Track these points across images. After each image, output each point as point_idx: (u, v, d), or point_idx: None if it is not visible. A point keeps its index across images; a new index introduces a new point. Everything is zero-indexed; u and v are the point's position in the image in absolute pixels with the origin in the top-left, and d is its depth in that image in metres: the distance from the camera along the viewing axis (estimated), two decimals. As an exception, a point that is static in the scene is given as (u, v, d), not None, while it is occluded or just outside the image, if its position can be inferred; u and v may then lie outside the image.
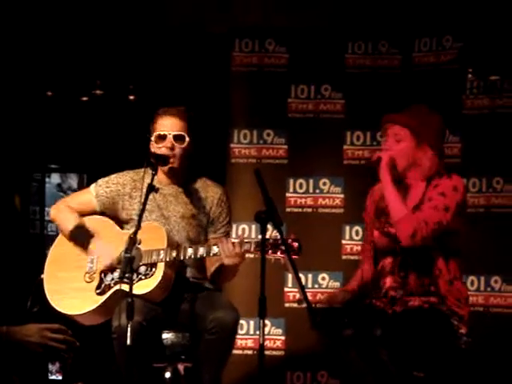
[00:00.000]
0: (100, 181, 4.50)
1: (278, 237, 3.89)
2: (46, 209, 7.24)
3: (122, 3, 5.55)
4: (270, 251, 4.03)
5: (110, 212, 4.46)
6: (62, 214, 4.46)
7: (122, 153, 6.00)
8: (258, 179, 3.77)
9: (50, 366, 3.84)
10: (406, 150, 4.11)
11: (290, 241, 4.05)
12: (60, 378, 3.89)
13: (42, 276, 4.40)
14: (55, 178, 7.67)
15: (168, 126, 4.39)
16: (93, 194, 4.47)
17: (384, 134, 4.21)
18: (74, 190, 7.22)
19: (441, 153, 4.18)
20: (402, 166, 4.12)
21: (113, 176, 4.51)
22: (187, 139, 4.38)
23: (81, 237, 4.37)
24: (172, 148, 4.35)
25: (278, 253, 4.04)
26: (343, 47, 5.68)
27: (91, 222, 4.43)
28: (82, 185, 7.18)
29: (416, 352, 3.92)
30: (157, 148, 4.36)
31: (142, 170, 4.25)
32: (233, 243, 4.12)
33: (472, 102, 5.49)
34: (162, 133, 4.38)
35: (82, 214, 4.46)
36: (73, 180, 7.73)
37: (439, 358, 3.94)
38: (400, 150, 4.11)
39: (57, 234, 4.57)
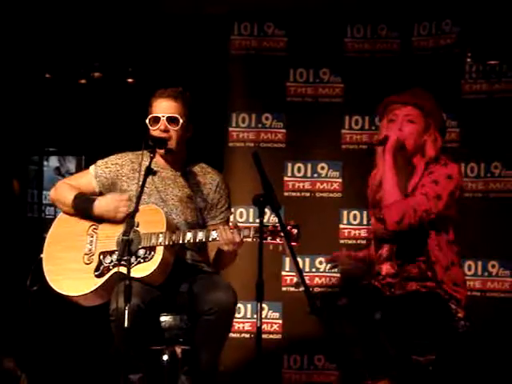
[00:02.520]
0: (99, 161, 4.50)
1: (277, 223, 3.88)
2: (44, 192, 7.25)
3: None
4: (268, 238, 4.03)
5: (109, 193, 4.45)
6: (62, 190, 4.45)
7: (121, 135, 6.00)
8: (256, 162, 3.76)
9: None
10: (417, 132, 4.09)
11: (289, 227, 4.05)
12: None
13: (42, 255, 4.40)
14: (53, 162, 7.66)
15: (162, 108, 4.37)
16: (92, 175, 4.46)
17: (388, 114, 4.14)
18: (73, 174, 7.21)
19: (443, 131, 4.18)
20: (412, 147, 4.10)
21: (112, 157, 4.50)
22: (181, 121, 4.35)
23: (84, 204, 4.35)
24: (166, 130, 4.34)
25: (277, 239, 4.05)
26: (342, 31, 5.67)
27: None
28: (81, 168, 7.17)
29: (414, 335, 3.92)
30: (152, 130, 4.35)
31: (141, 152, 4.25)
32: (231, 231, 4.12)
33: (471, 86, 5.48)
34: (155, 115, 4.37)
35: None
36: (71, 163, 7.73)
37: (437, 341, 3.95)
38: (411, 130, 4.08)
39: (54, 218, 4.56)
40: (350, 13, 5.66)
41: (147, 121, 4.38)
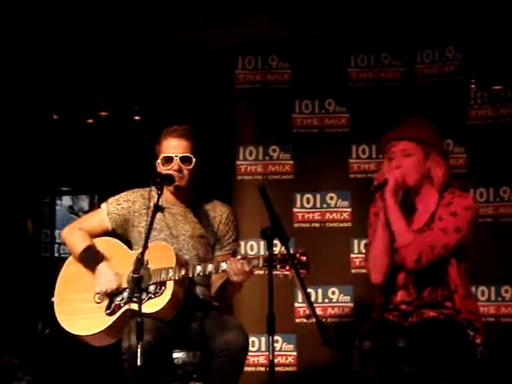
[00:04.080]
0: (110, 199, 4.52)
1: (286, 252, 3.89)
2: (57, 231, 7.27)
3: (125, 24, 5.57)
4: (278, 266, 4.02)
5: (122, 230, 4.48)
6: (73, 236, 4.47)
7: (131, 172, 6.02)
8: (263, 196, 3.78)
9: None
10: (417, 163, 4.09)
11: (297, 255, 4.05)
12: None
13: (53, 299, 4.41)
14: (67, 201, 7.70)
15: (174, 147, 4.38)
16: (104, 213, 4.48)
17: (387, 153, 4.14)
18: (86, 212, 7.23)
19: (447, 158, 4.16)
20: (415, 180, 4.09)
21: (123, 194, 4.52)
22: (194, 160, 4.38)
23: (90, 260, 4.38)
24: (179, 170, 4.36)
25: (287, 267, 4.04)
26: (346, 61, 5.70)
27: (101, 244, 4.44)
28: (93, 206, 7.20)
29: (434, 363, 3.89)
30: (164, 170, 4.36)
31: (149, 188, 4.28)
32: (241, 261, 4.12)
33: (476, 112, 5.50)
34: (168, 155, 4.38)
35: (95, 235, 4.47)
36: (84, 202, 7.76)
37: (458, 368, 3.92)
38: (410, 164, 4.08)
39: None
40: (353, 43, 5.69)
41: (159, 160, 4.40)
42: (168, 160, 4.38)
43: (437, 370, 3.88)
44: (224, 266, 4.17)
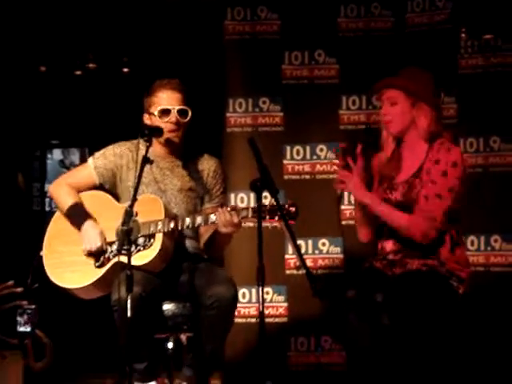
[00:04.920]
0: (97, 153, 4.50)
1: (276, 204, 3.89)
2: (48, 185, 7.27)
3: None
4: (267, 217, 4.02)
5: (109, 184, 4.47)
6: (60, 192, 4.46)
7: (121, 125, 5.99)
8: (253, 148, 3.79)
9: (19, 319, 3.88)
10: (402, 112, 4.11)
11: (286, 206, 4.05)
12: (28, 329, 3.91)
13: (42, 252, 4.41)
14: (57, 154, 7.69)
15: (171, 100, 4.37)
16: (91, 167, 4.46)
17: (379, 101, 4.21)
18: (76, 166, 7.22)
19: (438, 109, 4.17)
20: (401, 128, 4.12)
21: (109, 147, 4.50)
22: (190, 113, 4.37)
23: (76, 217, 4.37)
24: (177, 122, 4.34)
25: (276, 218, 4.04)
26: (335, 11, 5.64)
27: (89, 198, 4.44)
28: (84, 160, 7.19)
29: (416, 313, 3.93)
30: (161, 123, 4.34)
31: (137, 141, 4.27)
32: (230, 212, 4.12)
33: (467, 61, 5.45)
34: (166, 107, 4.36)
35: (83, 189, 4.46)
36: (75, 155, 7.75)
37: (439, 318, 3.95)
38: (396, 113, 4.11)
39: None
40: (343, -8, 5.64)
41: (156, 112, 4.36)
42: (165, 112, 4.36)
43: (417, 321, 3.91)
44: (213, 217, 4.16)
